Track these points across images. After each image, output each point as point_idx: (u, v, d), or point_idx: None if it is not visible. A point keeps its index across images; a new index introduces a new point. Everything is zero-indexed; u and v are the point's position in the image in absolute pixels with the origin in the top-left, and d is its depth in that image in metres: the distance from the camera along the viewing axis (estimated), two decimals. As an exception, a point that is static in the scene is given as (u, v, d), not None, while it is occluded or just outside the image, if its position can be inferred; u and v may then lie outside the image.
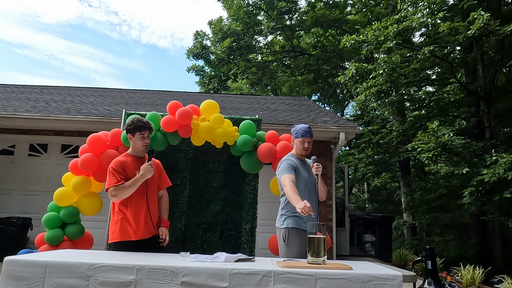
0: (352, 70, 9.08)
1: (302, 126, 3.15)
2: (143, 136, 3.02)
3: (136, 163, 3.02)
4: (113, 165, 2.93)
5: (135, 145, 3.04)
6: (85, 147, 4.13)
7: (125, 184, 2.85)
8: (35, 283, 1.98)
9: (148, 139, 3.07)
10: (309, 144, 3.12)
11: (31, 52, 78.58)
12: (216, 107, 4.42)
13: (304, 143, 3.10)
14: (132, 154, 3.07)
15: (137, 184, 2.87)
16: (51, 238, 3.92)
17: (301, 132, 3.11)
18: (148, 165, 2.90)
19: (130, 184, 2.85)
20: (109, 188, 2.85)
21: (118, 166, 2.93)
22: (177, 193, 4.36)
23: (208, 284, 1.97)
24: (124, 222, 2.92)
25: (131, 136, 3.03)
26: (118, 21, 59.95)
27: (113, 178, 2.86)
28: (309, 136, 3.11)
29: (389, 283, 1.97)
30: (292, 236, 2.88)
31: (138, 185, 2.88)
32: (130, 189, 2.85)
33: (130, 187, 2.85)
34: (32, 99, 8.41)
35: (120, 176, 2.88)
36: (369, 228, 9.51)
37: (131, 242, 2.89)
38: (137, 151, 3.06)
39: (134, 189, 2.87)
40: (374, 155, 13.79)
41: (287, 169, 2.95)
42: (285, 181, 2.87)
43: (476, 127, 9.40)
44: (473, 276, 5.45)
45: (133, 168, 2.98)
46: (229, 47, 16.22)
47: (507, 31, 6.86)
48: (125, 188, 2.84)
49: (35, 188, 7.33)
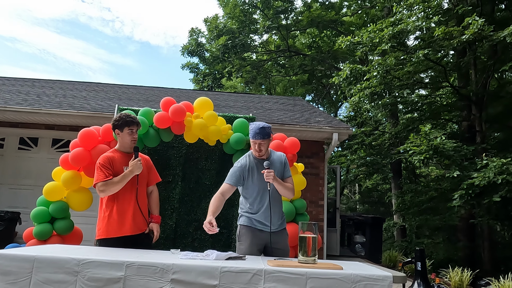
0: (346, 72, 9.11)
1: (254, 126, 2.80)
2: (132, 131, 2.99)
3: (124, 158, 3.00)
4: (100, 161, 2.91)
5: (124, 140, 3.02)
6: (76, 141, 4.08)
7: (114, 179, 2.84)
8: (21, 278, 1.95)
9: (136, 134, 3.05)
10: (262, 146, 2.80)
11: (23, 46, 77.71)
12: (210, 105, 4.40)
13: (255, 144, 2.81)
14: (120, 150, 3.05)
15: (126, 180, 2.86)
16: (39, 233, 3.87)
17: (252, 133, 2.80)
18: (137, 161, 2.90)
19: (119, 179, 2.84)
20: (97, 183, 2.83)
21: (106, 161, 2.91)
22: (169, 190, 4.34)
23: (198, 282, 1.95)
24: (110, 219, 2.89)
25: (119, 132, 3.00)
26: (111, 17, 59.47)
27: (101, 174, 2.84)
28: (260, 139, 2.77)
29: (379, 283, 1.97)
30: (243, 233, 2.86)
31: (126, 181, 2.87)
32: (118, 185, 2.84)
33: (119, 182, 2.83)
34: (23, 92, 8.31)
35: (108, 172, 2.86)
36: (360, 229, 9.55)
37: (117, 238, 2.86)
38: (125, 146, 3.04)
39: (123, 184, 2.85)
40: (366, 157, 13.85)
41: (228, 177, 2.86)
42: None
43: (468, 131, 9.50)
44: (461, 279, 5.50)
45: (120, 163, 2.96)
46: (224, 45, 16.19)
47: (500, 36, 6.93)
48: (113, 184, 2.82)
49: (25, 182, 7.24)
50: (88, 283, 1.95)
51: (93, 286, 1.95)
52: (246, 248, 2.78)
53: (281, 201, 2.99)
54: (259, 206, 2.85)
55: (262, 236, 2.82)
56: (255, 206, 2.86)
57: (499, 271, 7.21)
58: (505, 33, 6.78)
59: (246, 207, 2.90)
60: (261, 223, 2.84)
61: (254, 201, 2.86)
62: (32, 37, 73.77)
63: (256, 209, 2.85)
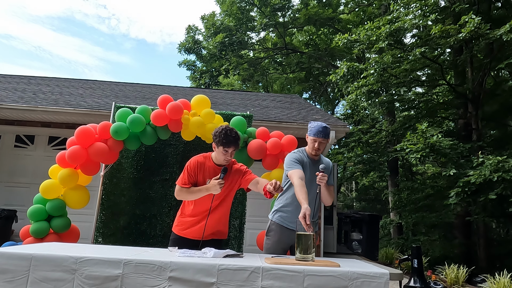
0: (343, 69, 9.12)
1: (317, 124, 2.85)
2: (227, 152, 2.73)
3: (214, 169, 2.83)
4: (190, 164, 2.81)
5: (218, 156, 2.80)
6: (73, 139, 4.07)
7: (190, 189, 2.77)
8: (19, 276, 1.94)
9: (232, 156, 2.79)
10: (321, 145, 2.83)
11: (18, 43, 77.30)
12: (207, 102, 4.39)
13: (315, 142, 2.83)
14: (213, 159, 2.85)
15: (200, 195, 2.77)
16: (36, 231, 3.87)
17: (314, 130, 2.83)
18: (218, 183, 2.69)
19: (193, 192, 2.77)
20: (177, 186, 2.81)
21: (194, 167, 2.80)
22: (166, 188, 4.34)
23: (196, 280, 1.96)
24: (184, 218, 2.88)
25: (215, 146, 2.79)
26: (107, 15, 59.25)
27: (183, 178, 2.79)
28: (322, 137, 2.81)
29: (376, 280, 1.98)
30: (273, 229, 2.87)
31: (200, 196, 2.77)
32: (191, 196, 2.78)
33: (192, 194, 2.77)
34: (20, 89, 8.26)
35: (190, 180, 2.79)
36: (357, 227, 9.59)
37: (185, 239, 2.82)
38: (219, 161, 2.83)
39: (196, 197, 2.78)
40: (363, 154, 13.88)
41: (293, 163, 2.76)
42: (292, 177, 2.69)
43: (464, 129, 9.53)
44: (457, 275, 5.53)
45: (208, 173, 2.81)
46: (221, 42, 16.15)
47: (496, 35, 6.95)
48: (187, 193, 2.77)
49: (21, 180, 7.21)
50: (86, 281, 1.95)
51: (90, 284, 1.95)
52: (272, 243, 2.80)
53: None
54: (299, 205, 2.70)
55: (291, 236, 2.66)
56: (295, 204, 2.75)
57: (495, 268, 7.27)
58: (502, 31, 6.80)
59: (285, 202, 2.85)
60: (295, 223, 2.69)
61: (296, 198, 2.70)
62: (27, 34, 73.36)
63: (295, 206, 2.74)
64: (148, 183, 4.54)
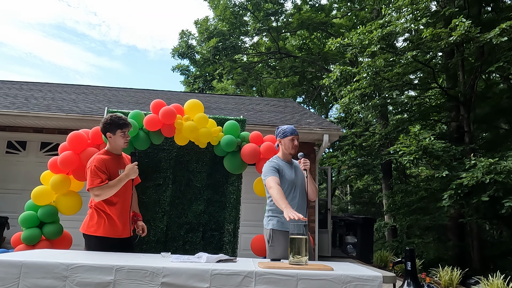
0: (336, 73, 9.17)
1: (288, 126, 3.21)
2: (124, 134, 2.95)
3: (116, 161, 2.98)
4: (96, 164, 2.84)
5: (116, 143, 2.96)
6: (65, 145, 4.03)
7: (109, 183, 2.79)
8: (9, 283, 1.92)
9: (129, 136, 3.03)
10: (297, 142, 3.15)
11: (9, 49, 76.74)
12: (200, 107, 4.39)
13: (293, 141, 3.13)
14: (112, 152, 3.00)
15: (121, 184, 2.83)
16: (28, 237, 3.82)
17: (289, 130, 3.15)
18: (134, 165, 2.91)
19: (114, 183, 2.80)
20: (93, 188, 2.77)
21: (102, 164, 2.85)
22: (159, 193, 4.31)
23: (189, 285, 1.95)
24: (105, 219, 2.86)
25: (111, 135, 2.94)
26: (97, 22, 59.17)
27: (97, 178, 2.78)
28: (297, 134, 3.17)
29: (369, 284, 1.99)
30: (275, 237, 2.89)
31: (121, 185, 2.84)
32: (114, 189, 2.80)
33: (114, 186, 2.79)
34: (11, 95, 8.19)
35: (104, 176, 2.81)
36: (351, 230, 9.61)
37: (111, 239, 2.84)
38: (117, 149, 3.01)
39: (118, 188, 2.82)
40: (357, 158, 13.94)
41: (270, 171, 2.96)
42: (270, 183, 2.86)
43: (456, 131, 9.61)
44: (451, 278, 5.56)
45: (114, 166, 2.93)
46: (215, 47, 16.16)
47: (486, 38, 7.03)
48: (109, 188, 2.78)
49: (13, 187, 7.13)
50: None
51: (82, 291, 1.93)
52: (280, 251, 2.82)
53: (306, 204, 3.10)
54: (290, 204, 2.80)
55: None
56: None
57: (488, 269, 7.31)
58: (492, 35, 6.88)
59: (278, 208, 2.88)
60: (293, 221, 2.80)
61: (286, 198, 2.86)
62: (18, 40, 72.92)
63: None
64: (141, 188, 4.51)
